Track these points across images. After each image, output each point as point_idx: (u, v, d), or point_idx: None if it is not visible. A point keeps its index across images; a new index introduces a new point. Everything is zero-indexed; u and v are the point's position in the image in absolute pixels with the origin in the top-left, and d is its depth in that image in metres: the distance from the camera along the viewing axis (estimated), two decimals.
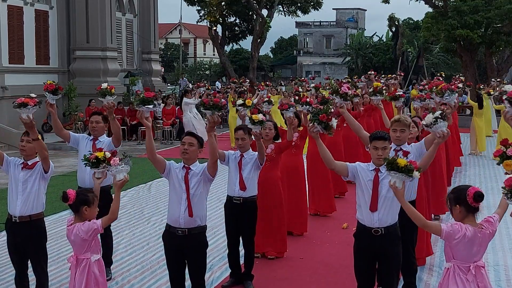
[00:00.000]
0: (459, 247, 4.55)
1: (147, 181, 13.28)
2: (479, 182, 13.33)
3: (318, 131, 5.53)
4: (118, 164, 5.16)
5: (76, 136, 7.48)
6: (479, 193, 4.50)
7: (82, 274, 5.18)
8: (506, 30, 27.21)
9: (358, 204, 5.55)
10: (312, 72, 62.28)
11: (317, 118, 5.48)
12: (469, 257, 4.58)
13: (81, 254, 5.23)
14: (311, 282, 7.29)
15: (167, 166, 5.78)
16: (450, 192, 4.70)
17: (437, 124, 5.39)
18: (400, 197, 4.79)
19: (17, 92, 22.16)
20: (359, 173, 5.50)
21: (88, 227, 5.16)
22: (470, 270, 4.57)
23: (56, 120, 7.04)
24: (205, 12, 35.41)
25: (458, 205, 4.57)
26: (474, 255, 4.59)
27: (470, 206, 4.53)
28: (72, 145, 7.48)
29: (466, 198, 4.52)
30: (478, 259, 4.62)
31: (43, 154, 5.86)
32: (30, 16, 23.53)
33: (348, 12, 75.13)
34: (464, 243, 4.53)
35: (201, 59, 71.32)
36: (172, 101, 23.85)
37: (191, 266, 5.78)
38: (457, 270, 4.60)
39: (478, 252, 4.61)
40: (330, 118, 5.51)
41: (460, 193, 4.59)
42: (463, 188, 4.63)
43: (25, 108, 5.75)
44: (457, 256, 4.59)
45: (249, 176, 6.96)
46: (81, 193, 5.30)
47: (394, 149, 6.41)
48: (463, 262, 4.58)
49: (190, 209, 5.65)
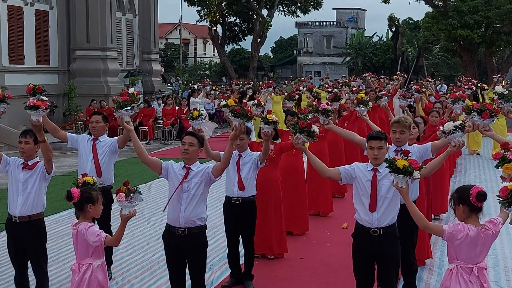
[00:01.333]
0: (462, 248, 4.54)
1: (147, 181, 13.28)
2: (479, 182, 13.32)
3: (303, 141, 5.56)
4: (124, 200, 4.98)
5: (75, 136, 7.45)
6: (482, 193, 4.48)
7: (85, 281, 5.15)
8: (506, 30, 27.24)
9: (357, 204, 5.55)
10: (312, 72, 62.28)
11: (298, 128, 5.48)
12: (472, 258, 4.57)
13: (82, 260, 5.19)
14: (311, 282, 7.29)
15: (164, 166, 5.76)
16: (454, 192, 4.69)
17: (455, 133, 5.40)
18: (405, 196, 4.79)
19: (17, 92, 22.15)
20: (357, 174, 5.50)
21: (92, 233, 5.07)
22: (473, 271, 4.56)
23: (48, 123, 6.55)
24: (205, 12, 35.40)
25: (461, 204, 4.55)
26: (477, 256, 4.58)
27: (473, 205, 4.51)
28: (71, 145, 7.46)
29: (469, 197, 4.50)
30: (481, 260, 4.61)
31: (48, 156, 5.87)
32: (30, 16, 23.53)
33: (348, 12, 75.13)
34: (467, 243, 4.52)
35: (201, 59, 71.33)
36: (172, 101, 23.86)
37: (191, 265, 5.78)
38: (460, 271, 4.59)
39: (481, 253, 4.59)
40: (310, 124, 5.52)
41: (463, 192, 4.57)
42: (466, 187, 4.61)
43: (36, 110, 5.73)
44: (460, 257, 4.58)
45: (247, 176, 6.96)
46: (85, 191, 5.27)
47: (394, 150, 6.42)
48: (466, 263, 4.57)
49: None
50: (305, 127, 5.53)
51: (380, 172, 5.43)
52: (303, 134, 5.51)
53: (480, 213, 4.60)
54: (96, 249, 5.19)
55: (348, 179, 5.53)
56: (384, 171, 5.43)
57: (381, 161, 5.46)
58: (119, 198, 4.97)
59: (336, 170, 5.58)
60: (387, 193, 5.40)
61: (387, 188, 5.40)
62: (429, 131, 8.88)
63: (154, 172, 5.90)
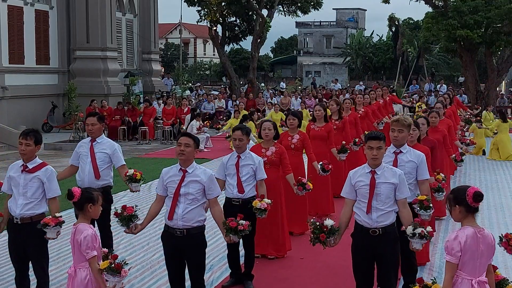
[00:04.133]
0: (466, 257, 4.47)
1: (147, 181, 13.24)
2: (479, 182, 13.33)
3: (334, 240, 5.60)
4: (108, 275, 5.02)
5: (75, 154, 7.46)
6: (478, 193, 4.47)
7: (81, 283, 5.15)
8: (506, 30, 27.21)
9: (356, 204, 5.56)
10: (312, 72, 62.30)
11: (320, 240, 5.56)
12: (474, 269, 4.48)
13: (78, 264, 5.19)
14: (311, 282, 7.29)
15: (163, 195, 5.82)
16: (450, 193, 4.67)
17: (413, 239, 5.31)
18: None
19: (17, 92, 22.21)
20: (355, 181, 5.53)
21: (87, 247, 5.10)
22: (472, 286, 4.48)
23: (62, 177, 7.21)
24: (205, 12, 35.37)
25: (457, 205, 4.52)
26: (479, 266, 4.49)
27: (470, 206, 4.49)
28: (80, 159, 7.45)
29: (465, 198, 4.48)
30: (482, 273, 4.53)
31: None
32: (30, 16, 23.54)
33: (348, 12, 75.13)
34: (467, 253, 4.45)
35: (201, 59, 71.32)
36: (172, 101, 23.86)
37: (191, 266, 5.78)
38: (460, 279, 4.52)
39: (484, 262, 4.52)
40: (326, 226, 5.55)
41: (459, 193, 4.55)
42: (462, 188, 4.59)
43: (46, 228, 5.67)
44: (463, 268, 4.49)
45: (247, 178, 6.98)
46: (85, 191, 5.31)
47: (393, 152, 6.40)
48: (466, 276, 4.50)
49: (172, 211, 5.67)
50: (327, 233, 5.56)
51: (378, 174, 5.44)
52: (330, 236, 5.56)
53: (477, 213, 4.58)
54: None
55: (354, 192, 5.56)
56: (382, 173, 5.44)
57: (379, 161, 5.47)
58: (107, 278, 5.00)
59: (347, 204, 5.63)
60: (385, 195, 5.41)
61: (385, 189, 5.41)
62: (430, 133, 8.84)
63: None
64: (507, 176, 14.45)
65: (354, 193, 5.56)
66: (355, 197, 5.56)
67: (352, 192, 5.57)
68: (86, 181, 7.15)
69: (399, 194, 5.48)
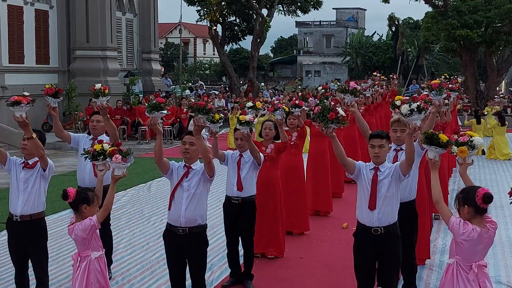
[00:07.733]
0: (464, 246, 4.53)
1: (147, 180, 13.27)
2: (479, 181, 13.33)
3: (333, 129, 5.51)
4: (120, 162, 5.23)
5: (76, 136, 7.49)
6: (488, 195, 4.43)
7: (83, 272, 5.20)
8: (506, 29, 27.20)
9: (359, 203, 5.57)
10: (312, 72, 62.32)
11: (327, 119, 5.43)
12: (472, 256, 4.56)
13: (83, 252, 5.25)
14: (311, 282, 7.29)
15: (170, 167, 5.80)
16: (459, 192, 4.66)
17: (411, 116, 5.28)
18: (436, 168, 4.75)
19: (17, 92, 22.12)
20: (362, 172, 5.53)
21: (85, 225, 5.18)
22: (472, 269, 4.55)
23: (57, 123, 7.03)
24: (205, 11, 35.36)
25: (466, 205, 4.51)
26: (477, 254, 4.57)
27: (479, 207, 4.48)
28: (73, 145, 7.49)
29: (475, 199, 4.46)
30: (481, 258, 4.60)
31: (38, 153, 5.87)
32: (30, 15, 23.53)
33: (348, 12, 75.11)
34: (470, 243, 4.50)
35: (201, 58, 71.31)
36: (172, 101, 23.87)
37: (192, 265, 5.78)
38: (459, 268, 4.58)
39: (482, 252, 4.59)
40: (337, 111, 5.48)
41: (469, 193, 4.53)
42: (472, 188, 4.57)
43: (18, 106, 5.74)
44: (460, 254, 4.57)
45: (247, 176, 6.97)
46: (81, 191, 5.32)
47: (394, 149, 6.42)
48: (465, 261, 4.57)
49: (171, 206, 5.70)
50: (334, 118, 5.48)
51: (381, 171, 5.45)
52: (333, 124, 5.46)
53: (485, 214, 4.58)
54: (93, 241, 5.25)
55: (356, 174, 5.56)
56: (385, 170, 5.45)
57: (382, 159, 5.48)
58: (115, 160, 5.18)
59: (352, 161, 5.59)
60: (387, 192, 5.41)
61: (388, 187, 5.42)
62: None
63: (160, 171, 5.91)
64: (507, 175, 14.47)
65: (355, 168, 5.53)
66: (354, 168, 5.53)
67: (357, 171, 5.53)
68: (86, 179, 7.16)
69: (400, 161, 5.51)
